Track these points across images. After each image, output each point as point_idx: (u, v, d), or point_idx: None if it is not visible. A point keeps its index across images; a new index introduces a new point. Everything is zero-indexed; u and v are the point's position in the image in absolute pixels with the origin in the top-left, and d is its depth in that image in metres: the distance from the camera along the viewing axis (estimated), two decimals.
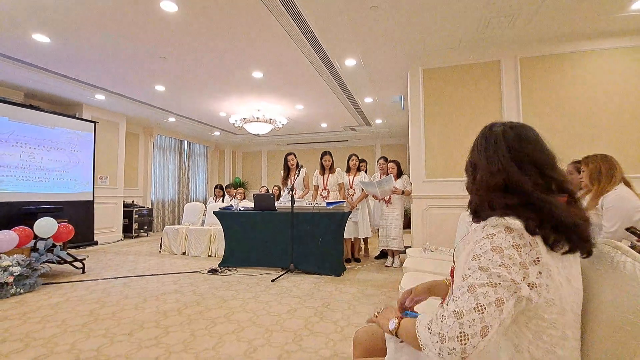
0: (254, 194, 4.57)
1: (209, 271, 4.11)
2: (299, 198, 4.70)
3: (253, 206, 4.60)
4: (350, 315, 2.67)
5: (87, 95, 5.83)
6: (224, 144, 11.17)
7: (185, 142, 9.80)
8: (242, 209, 4.66)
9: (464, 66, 4.06)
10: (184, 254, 5.40)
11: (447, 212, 3.89)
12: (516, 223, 0.68)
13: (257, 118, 6.58)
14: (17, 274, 3.14)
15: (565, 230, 0.68)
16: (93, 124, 6.32)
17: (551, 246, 0.67)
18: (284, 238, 4.11)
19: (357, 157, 4.93)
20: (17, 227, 3.59)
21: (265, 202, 4.40)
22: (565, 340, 0.68)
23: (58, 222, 3.96)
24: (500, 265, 0.65)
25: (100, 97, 5.94)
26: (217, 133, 9.35)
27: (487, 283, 0.65)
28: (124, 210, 7.24)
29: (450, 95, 4.10)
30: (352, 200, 4.68)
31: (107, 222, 6.80)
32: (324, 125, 8.52)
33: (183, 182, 9.72)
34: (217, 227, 5.07)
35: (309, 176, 4.84)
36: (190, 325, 2.45)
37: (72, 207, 5.73)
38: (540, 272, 0.66)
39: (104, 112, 6.73)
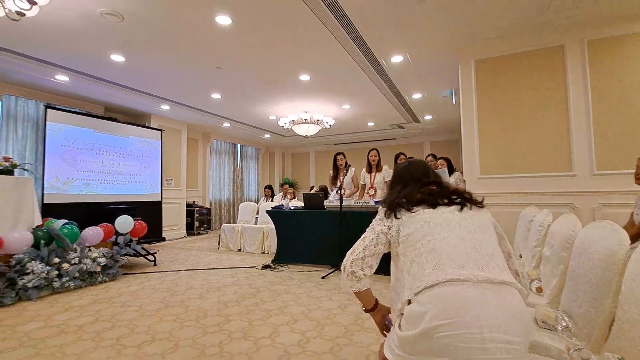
0: (303, 194, 4.72)
1: (263, 267, 4.34)
2: (347, 197, 4.75)
3: (303, 205, 4.76)
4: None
5: (154, 106, 6.48)
6: (274, 146, 11.61)
7: (239, 145, 10.39)
8: (292, 208, 4.83)
9: (520, 54, 3.79)
10: (239, 250, 5.75)
11: (504, 211, 3.66)
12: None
13: (305, 120, 6.77)
14: (103, 264, 3.63)
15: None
16: (160, 132, 7.00)
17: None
18: (333, 236, 4.19)
19: (405, 156, 4.84)
20: (102, 224, 4.13)
21: (314, 202, 4.52)
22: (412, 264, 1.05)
23: (133, 220, 4.47)
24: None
25: (165, 107, 6.56)
26: (267, 136, 9.77)
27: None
28: (186, 210, 7.91)
29: (506, 86, 3.86)
30: None
31: (173, 220, 7.48)
32: (370, 124, 8.47)
33: (237, 183, 10.31)
34: (269, 225, 5.32)
35: (357, 175, 4.86)
36: (247, 315, 2.64)
37: (143, 207, 6.41)
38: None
39: (169, 120, 7.42)
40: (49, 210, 4.91)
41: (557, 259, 1.62)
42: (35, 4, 2.58)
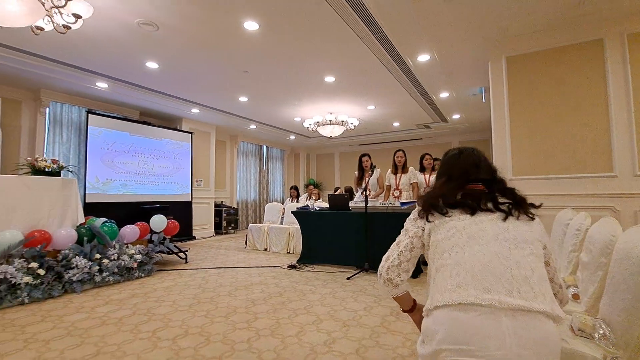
0: (328, 195, 4.75)
1: (288, 266, 4.41)
2: (372, 198, 4.73)
3: (328, 206, 4.79)
4: None
5: (185, 109, 6.75)
6: (299, 147, 11.74)
7: (264, 146, 10.59)
8: (317, 208, 4.88)
9: (555, 50, 3.62)
10: (265, 249, 5.87)
11: (539, 213, 3.50)
12: None
13: (330, 121, 6.80)
14: (139, 260, 3.83)
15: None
16: (190, 135, 7.29)
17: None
18: (358, 237, 4.19)
19: (431, 156, 4.75)
20: (138, 223, 4.36)
21: (339, 202, 4.54)
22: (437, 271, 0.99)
23: (167, 219, 4.68)
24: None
25: (195, 110, 6.82)
26: (292, 137, 9.90)
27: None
28: (215, 210, 8.17)
29: (540, 83, 3.69)
30: None
31: (202, 219, 7.75)
32: (396, 124, 8.37)
33: (263, 184, 10.52)
34: (294, 225, 5.40)
35: (383, 176, 4.83)
36: (275, 314, 2.70)
37: (175, 207, 6.69)
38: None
39: (198, 123, 7.70)
40: (90, 209, 5.25)
41: (596, 264, 1.54)
42: (80, 17, 2.78)
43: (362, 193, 4.33)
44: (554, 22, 3.47)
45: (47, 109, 5.56)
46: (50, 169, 3.68)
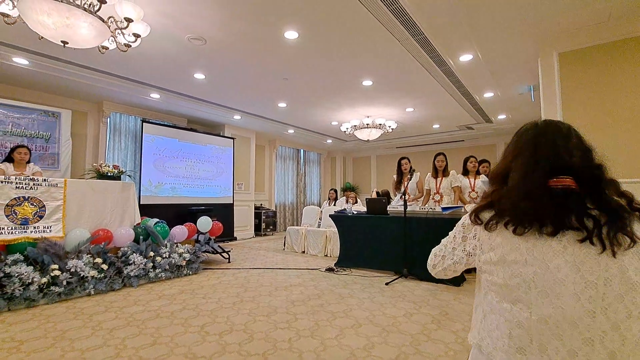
0: (366, 198, 4.74)
1: (326, 269, 4.46)
2: (411, 202, 4.64)
3: (365, 210, 4.78)
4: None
5: (228, 116, 7.09)
6: (335, 151, 11.80)
7: (302, 150, 10.79)
8: (355, 212, 4.88)
9: (613, 44, 3.33)
10: (303, 252, 5.97)
11: None
12: None
13: (367, 124, 6.78)
14: (187, 259, 4.09)
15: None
16: (232, 140, 7.64)
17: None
18: (396, 242, 4.14)
19: (476, 159, 4.57)
20: (186, 223, 4.66)
21: (377, 206, 4.51)
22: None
23: (212, 221, 4.95)
24: None
25: (237, 117, 7.14)
26: (329, 141, 9.99)
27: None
28: (254, 212, 8.47)
29: (596, 80, 3.42)
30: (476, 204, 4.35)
31: (243, 221, 8.07)
32: (436, 126, 8.14)
33: (300, 187, 10.71)
34: (331, 229, 5.44)
35: (422, 180, 4.73)
36: (314, 316, 2.76)
37: (218, 209, 7.03)
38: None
39: (240, 129, 8.05)
40: (144, 210, 5.67)
41: None
42: (139, 36, 3.06)
43: (400, 197, 4.27)
44: (613, 13, 3.21)
45: (108, 119, 6.13)
46: (112, 174, 4.06)
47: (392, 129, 7.11)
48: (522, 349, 0.71)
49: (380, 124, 6.84)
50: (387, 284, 3.73)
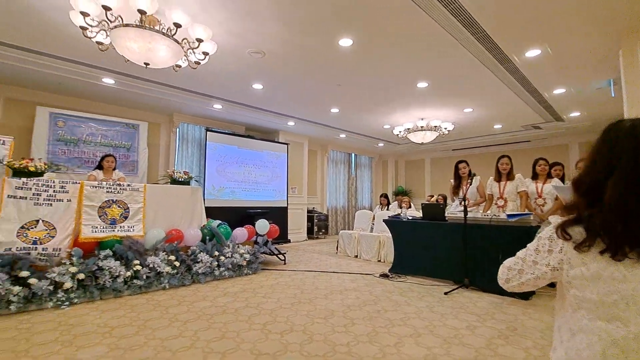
0: (422, 203, 4.60)
1: (380, 275, 4.41)
2: (471, 207, 4.40)
3: (421, 215, 4.64)
4: (544, 345, 2.33)
5: (282, 123, 7.38)
6: (387, 154, 11.61)
7: (353, 154, 10.79)
8: (410, 217, 4.77)
9: None
10: (356, 256, 5.96)
11: None
12: None
13: (421, 127, 6.59)
14: (248, 259, 4.33)
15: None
16: (286, 146, 7.93)
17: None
18: (455, 250, 3.95)
19: (546, 161, 4.19)
20: (246, 225, 4.94)
21: (434, 212, 4.36)
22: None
23: (269, 223, 5.18)
24: None
25: (291, 123, 7.40)
26: (380, 144, 9.87)
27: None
28: (307, 215, 8.67)
29: None
30: (542, 211, 4.00)
31: (296, 224, 8.30)
32: (497, 126, 7.61)
33: (351, 191, 10.71)
34: (385, 234, 5.37)
35: (483, 185, 4.46)
36: (371, 322, 2.75)
37: (273, 212, 7.32)
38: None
39: (293, 135, 8.32)
40: (208, 212, 6.11)
41: None
42: (208, 54, 3.34)
43: (460, 203, 4.07)
44: None
45: (177, 129, 6.75)
46: (182, 179, 4.47)
47: (449, 130, 6.81)
48: None
49: (435, 126, 6.59)
50: (446, 293, 3.58)
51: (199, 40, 3.02)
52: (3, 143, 3.38)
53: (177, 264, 3.73)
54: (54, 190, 3.43)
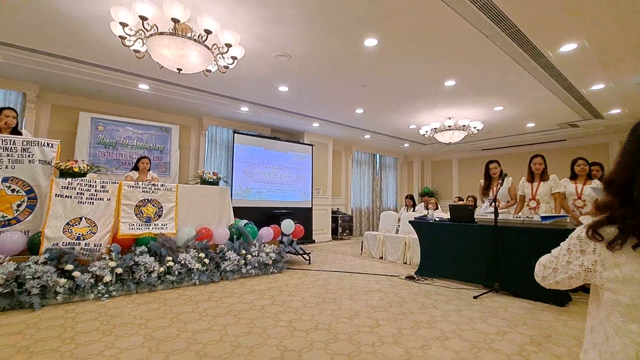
0: (449, 205, 4.50)
1: (406, 277, 4.35)
2: (502, 209, 4.25)
3: (448, 217, 4.53)
4: (579, 353, 2.20)
5: (307, 124, 7.45)
6: (413, 155, 11.42)
7: (377, 155, 10.70)
8: (437, 219, 4.67)
9: None
10: (381, 258, 5.91)
11: None
12: None
13: (449, 126, 6.44)
14: (273, 258, 4.42)
15: None
16: (311, 147, 8.00)
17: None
18: (484, 253, 3.83)
19: (586, 161, 3.97)
20: (272, 225, 5.03)
21: (463, 214, 4.25)
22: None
23: (294, 223, 5.26)
24: None
25: (315, 124, 7.46)
26: (406, 145, 9.72)
27: None
28: (331, 216, 8.69)
29: None
30: (581, 214, 3.79)
31: (321, 225, 8.35)
32: (530, 124, 7.30)
33: (376, 192, 10.62)
34: (410, 235, 5.29)
35: (515, 186, 4.30)
36: (396, 323, 2.73)
37: (298, 212, 7.41)
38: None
39: (318, 136, 8.38)
40: (235, 212, 6.28)
41: None
42: (236, 58, 3.46)
43: (490, 204, 3.95)
44: None
45: (207, 132, 6.99)
46: (211, 180, 4.63)
47: (478, 130, 6.61)
48: None
49: (463, 126, 6.42)
50: (475, 297, 3.48)
51: (228, 45, 3.13)
52: (51, 146, 3.65)
53: (206, 261, 3.88)
54: (96, 190, 3.67)
